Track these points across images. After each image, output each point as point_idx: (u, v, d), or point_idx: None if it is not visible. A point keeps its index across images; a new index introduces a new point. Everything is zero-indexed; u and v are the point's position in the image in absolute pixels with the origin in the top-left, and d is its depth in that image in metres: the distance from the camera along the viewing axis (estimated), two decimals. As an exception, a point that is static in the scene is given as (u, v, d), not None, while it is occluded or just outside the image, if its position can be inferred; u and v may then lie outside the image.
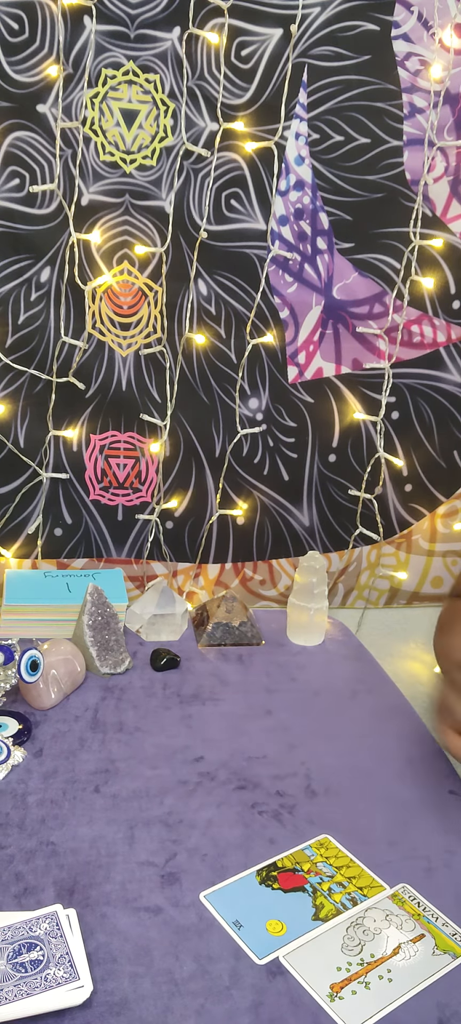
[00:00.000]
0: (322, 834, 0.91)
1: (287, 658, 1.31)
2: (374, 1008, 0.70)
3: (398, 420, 1.45)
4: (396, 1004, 0.71)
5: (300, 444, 1.44)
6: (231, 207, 1.32)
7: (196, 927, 0.77)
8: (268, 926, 0.78)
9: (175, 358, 1.37)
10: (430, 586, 1.55)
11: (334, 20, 1.26)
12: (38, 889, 0.80)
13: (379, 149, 1.32)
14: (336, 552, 1.50)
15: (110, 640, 1.22)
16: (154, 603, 1.33)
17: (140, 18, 1.22)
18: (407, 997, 0.71)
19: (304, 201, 1.33)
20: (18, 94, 1.22)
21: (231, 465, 1.43)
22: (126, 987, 0.71)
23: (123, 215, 1.30)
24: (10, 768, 0.98)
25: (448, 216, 1.37)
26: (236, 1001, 0.70)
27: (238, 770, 1.01)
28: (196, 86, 1.26)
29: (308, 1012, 0.70)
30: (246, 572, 1.49)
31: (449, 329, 1.42)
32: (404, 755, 1.07)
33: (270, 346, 1.39)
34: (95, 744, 1.04)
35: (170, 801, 0.95)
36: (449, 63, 1.30)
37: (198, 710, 1.14)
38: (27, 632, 1.24)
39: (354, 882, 0.84)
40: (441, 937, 0.78)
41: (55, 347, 1.33)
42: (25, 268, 1.29)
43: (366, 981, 0.73)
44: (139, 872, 0.84)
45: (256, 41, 1.25)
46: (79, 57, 1.22)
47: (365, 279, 1.38)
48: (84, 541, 1.42)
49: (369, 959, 0.75)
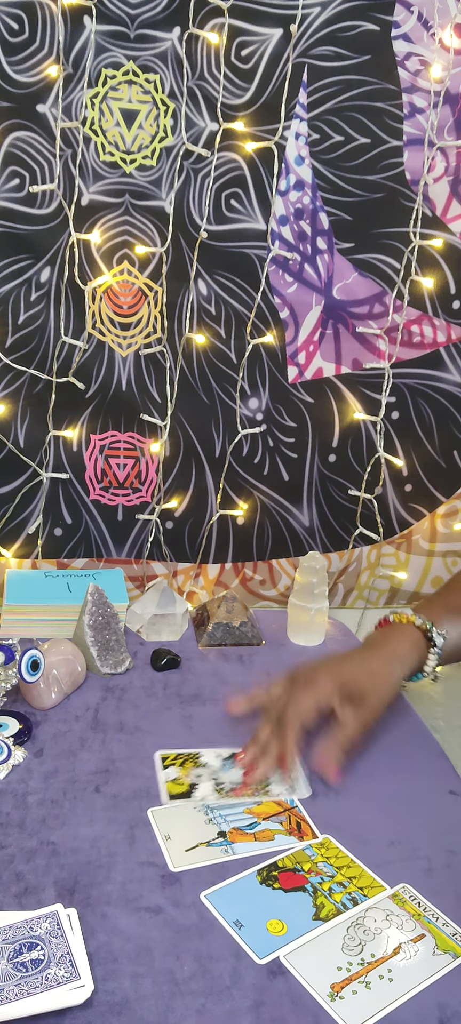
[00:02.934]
0: (322, 834, 0.91)
1: (287, 658, 1.31)
2: (375, 1008, 0.70)
3: (398, 420, 1.45)
4: (397, 1004, 0.71)
5: (300, 444, 1.44)
6: (231, 207, 1.32)
7: (197, 927, 0.77)
8: (269, 926, 0.78)
9: (175, 358, 1.37)
10: (430, 586, 1.55)
11: (334, 20, 1.26)
12: (39, 889, 0.80)
13: (379, 149, 1.32)
14: (336, 552, 1.51)
15: (111, 640, 1.22)
16: (154, 603, 1.33)
17: (140, 18, 1.22)
18: (407, 997, 0.71)
19: (304, 201, 1.33)
20: (18, 94, 1.22)
21: (231, 465, 1.43)
22: (127, 987, 0.71)
23: (123, 215, 1.30)
24: (11, 768, 0.98)
25: (448, 216, 1.37)
26: (237, 1001, 0.70)
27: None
28: (196, 86, 1.26)
29: (309, 1012, 0.70)
30: (246, 572, 1.49)
31: (449, 329, 1.42)
32: (404, 755, 1.07)
33: (270, 346, 1.39)
34: (96, 744, 1.04)
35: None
36: (449, 63, 1.30)
37: (198, 710, 1.14)
38: (28, 632, 1.24)
39: (355, 882, 0.84)
40: (441, 937, 0.78)
41: (55, 347, 1.33)
42: (25, 268, 1.29)
43: (367, 981, 0.73)
44: (140, 872, 0.84)
45: (256, 41, 1.25)
46: (79, 57, 1.22)
47: (365, 279, 1.38)
48: (84, 541, 1.42)
49: (370, 959, 0.75)
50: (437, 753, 1.08)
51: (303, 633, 1.36)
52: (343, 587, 1.53)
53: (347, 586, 1.54)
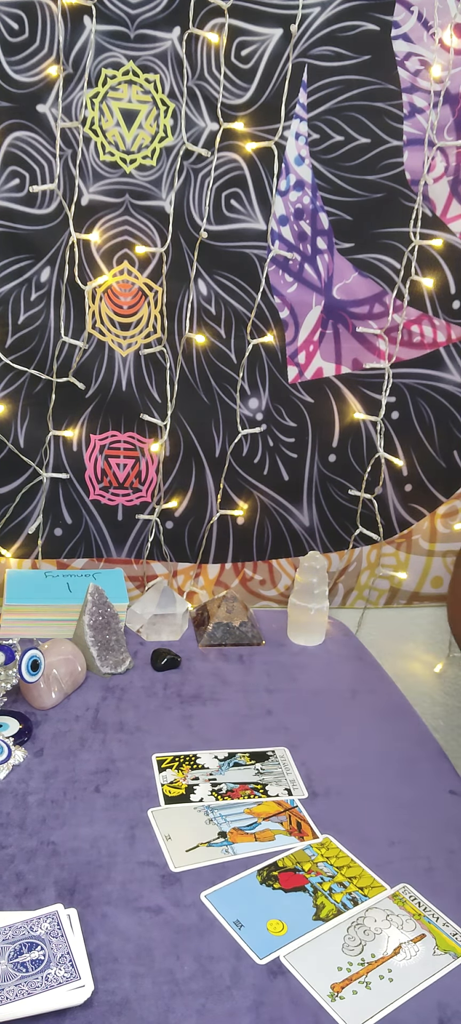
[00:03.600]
0: (323, 834, 0.91)
1: (287, 658, 1.31)
2: (375, 1008, 0.70)
3: (398, 420, 1.45)
4: (397, 1004, 0.71)
5: (300, 444, 1.44)
6: (231, 207, 1.32)
7: (197, 927, 0.77)
8: (269, 926, 0.78)
9: (175, 358, 1.37)
10: (430, 586, 1.55)
11: (334, 20, 1.26)
12: (39, 889, 0.80)
13: (379, 149, 1.32)
14: (336, 552, 1.51)
15: (111, 640, 1.22)
16: (155, 603, 1.33)
17: (140, 18, 1.22)
18: (408, 997, 0.71)
19: (304, 201, 1.33)
20: (18, 94, 1.22)
21: (231, 465, 1.43)
22: (127, 987, 0.71)
23: (123, 215, 1.30)
24: (11, 768, 0.98)
25: (448, 216, 1.37)
26: (237, 1001, 0.70)
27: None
28: (196, 86, 1.26)
29: (309, 1012, 0.70)
30: (246, 572, 1.49)
31: (449, 329, 1.42)
32: (404, 755, 1.07)
33: (270, 346, 1.39)
34: (96, 744, 1.04)
35: (171, 801, 0.95)
36: (449, 63, 1.30)
37: (199, 710, 1.14)
38: (28, 632, 1.25)
39: (355, 882, 0.84)
40: (442, 937, 0.78)
41: (55, 347, 1.33)
42: (25, 268, 1.29)
43: (367, 981, 0.73)
44: (140, 872, 0.84)
45: (256, 41, 1.25)
46: (79, 57, 1.22)
47: (365, 279, 1.38)
48: (84, 541, 1.42)
49: (370, 959, 0.75)
50: (437, 753, 1.08)
51: (303, 633, 1.36)
52: (343, 587, 1.53)
53: (347, 586, 1.54)
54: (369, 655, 1.36)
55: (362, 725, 1.14)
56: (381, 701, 1.21)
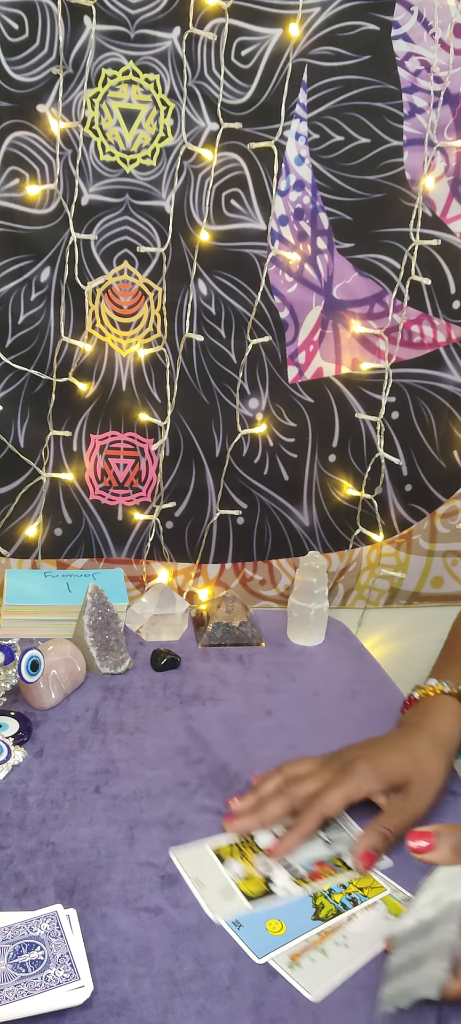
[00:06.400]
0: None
1: (287, 658, 1.31)
2: (333, 971, 0.73)
3: (398, 420, 1.45)
4: (354, 967, 0.74)
5: (300, 444, 1.44)
6: (231, 207, 1.32)
7: (196, 927, 0.77)
8: (268, 926, 0.78)
9: (175, 358, 1.37)
10: (430, 586, 1.55)
11: (334, 20, 1.26)
12: (38, 889, 0.80)
13: (379, 149, 1.32)
14: (336, 552, 1.50)
15: (110, 640, 1.22)
16: (154, 603, 1.33)
17: (140, 18, 1.22)
18: (364, 960, 0.74)
19: (304, 201, 1.33)
20: (18, 94, 1.22)
21: (231, 465, 1.43)
22: (126, 987, 0.71)
23: (123, 215, 1.30)
24: (10, 768, 0.98)
25: (448, 216, 1.37)
26: (236, 1001, 0.70)
27: (239, 771, 1.01)
28: (196, 86, 1.26)
29: (309, 1012, 0.70)
30: (246, 572, 1.49)
31: (449, 329, 1.42)
32: (404, 755, 1.07)
33: (270, 346, 1.39)
34: (95, 744, 1.04)
35: (171, 802, 0.95)
36: (449, 63, 1.30)
37: (198, 710, 1.14)
38: (27, 632, 1.25)
39: (355, 882, 0.84)
40: (393, 903, 0.81)
41: (55, 347, 1.33)
42: (25, 268, 1.29)
43: (323, 948, 0.75)
44: (139, 872, 0.84)
45: (256, 41, 1.25)
46: (79, 57, 1.22)
47: (365, 279, 1.38)
48: (84, 541, 1.42)
49: (326, 929, 0.78)
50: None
51: (303, 633, 1.36)
52: (343, 587, 1.53)
53: (347, 586, 1.54)
54: (369, 655, 1.36)
55: (362, 725, 1.14)
56: (381, 701, 1.21)
